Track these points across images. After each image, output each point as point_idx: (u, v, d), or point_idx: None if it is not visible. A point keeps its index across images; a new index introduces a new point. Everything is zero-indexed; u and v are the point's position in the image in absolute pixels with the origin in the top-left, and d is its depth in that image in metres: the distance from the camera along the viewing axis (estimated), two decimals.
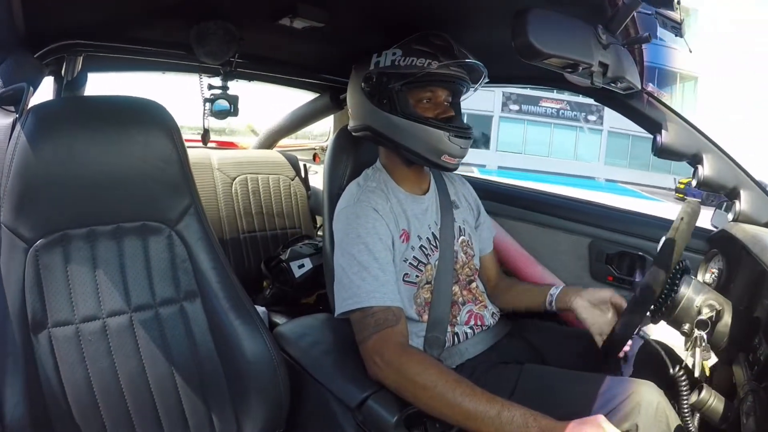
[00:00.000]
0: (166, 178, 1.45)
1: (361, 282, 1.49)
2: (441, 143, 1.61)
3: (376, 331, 1.42)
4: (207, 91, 2.35)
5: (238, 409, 1.46)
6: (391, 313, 1.46)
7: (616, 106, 1.91)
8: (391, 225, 1.61)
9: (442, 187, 1.85)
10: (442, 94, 1.67)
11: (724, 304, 1.38)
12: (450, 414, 1.27)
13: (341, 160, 1.86)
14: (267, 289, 2.78)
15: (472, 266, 1.81)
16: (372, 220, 1.58)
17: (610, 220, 2.44)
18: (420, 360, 1.37)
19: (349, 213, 1.63)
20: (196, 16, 1.80)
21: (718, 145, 1.79)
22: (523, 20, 1.21)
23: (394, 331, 1.43)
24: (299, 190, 3.41)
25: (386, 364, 1.37)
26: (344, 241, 1.58)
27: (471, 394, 1.26)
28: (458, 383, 1.29)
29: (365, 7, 1.70)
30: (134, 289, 1.42)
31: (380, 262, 1.52)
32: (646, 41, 1.56)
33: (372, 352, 1.41)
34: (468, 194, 1.97)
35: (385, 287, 1.49)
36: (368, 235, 1.55)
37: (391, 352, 1.38)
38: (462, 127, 1.64)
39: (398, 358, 1.37)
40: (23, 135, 1.22)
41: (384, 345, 1.40)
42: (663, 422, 1.30)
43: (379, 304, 1.46)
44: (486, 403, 1.24)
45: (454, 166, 1.68)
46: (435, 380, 1.29)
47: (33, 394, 1.21)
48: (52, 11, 1.58)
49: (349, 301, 1.49)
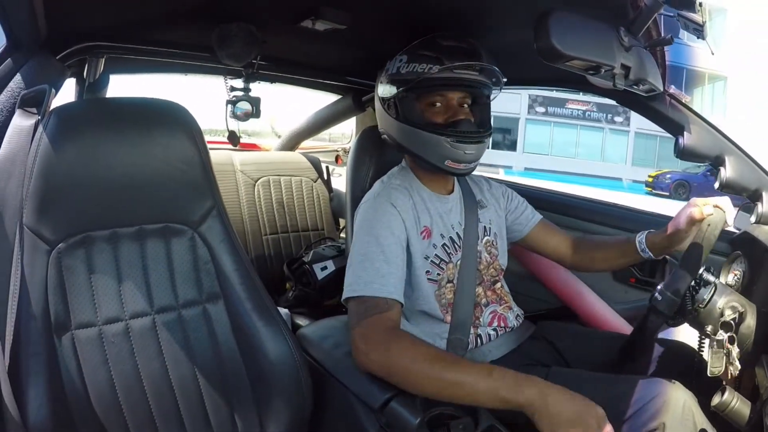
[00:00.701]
0: (189, 179, 1.45)
1: (362, 272, 1.49)
2: (441, 148, 1.60)
3: (365, 317, 1.41)
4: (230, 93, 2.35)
5: (261, 411, 1.45)
6: (384, 302, 1.44)
7: (638, 108, 1.89)
8: (409, 221, 1.61)
9: (466, 187, 1.84)
10: (454, 96, 1.65)
11: (747, 306, 1.37)
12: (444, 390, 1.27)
13: (364, 162, 1.86)
14: (290, 291, 2.78)
15: (497, 266, 1.79)
16: (388, 214, 1.58)
17: (632, 221, 2.43)
18: (403, 340, 1.36)
19: (368, 207, 1.64)
20: (218, 18, 1.80)
21: (740, 147, 1.76)
22: (546, 22, 1.21)
23: (382, 316, 1.42)
24: (322, 192, 3.42)
25: (370, 348, 1.36)
26: (358, 233, 1.60)
27: (458, 362, 1.29)
28: (444, 356, 1.31)
29: (387, 9, 1.70)
30: (157, 290, 1.42)
31: (386, 254, 1.51)
32: (668, 43, 1.55)
33: (357, 340, 1.39)
34: (496, 191, 1.94)
35: (385, 279, 1.48)
36: (380, 228, 1.55)
37: (377, 335, 1.37)
38: (464, 132, 1.62)
39: (385, 344, 1.35)
40: (45, 137, 1.22)
41: (370, 329, 1.39)
42: (690, 421, 1.28)
43: (374, 294, 1.45)
44: (476, 368, 1.26)
45: (461, 171, 1.66)
46: (420, 357, 1.29)
47: (56, 395, 1.21)
48: (74, 13, 1.59)
49: (348, 288, 1.49)
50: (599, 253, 1.86)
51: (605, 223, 2.49)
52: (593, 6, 1.41)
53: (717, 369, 1.32)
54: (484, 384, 1.22)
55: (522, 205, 1.95)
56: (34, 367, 1.19)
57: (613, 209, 2.61)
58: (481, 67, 1.63)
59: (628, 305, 2.40)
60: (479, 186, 1.90)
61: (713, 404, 1.26)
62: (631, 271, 2.40)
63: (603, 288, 2.47)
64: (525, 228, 1.93)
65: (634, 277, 2.42)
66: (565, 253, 1.92)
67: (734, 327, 1.32)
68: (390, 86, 1.68)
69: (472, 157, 1.63)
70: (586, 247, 1.89)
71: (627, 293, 2.46)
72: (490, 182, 1.97)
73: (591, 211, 2.59)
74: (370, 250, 1.52)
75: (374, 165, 1.86)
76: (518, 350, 1.70)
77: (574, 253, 1.90)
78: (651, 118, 1.86)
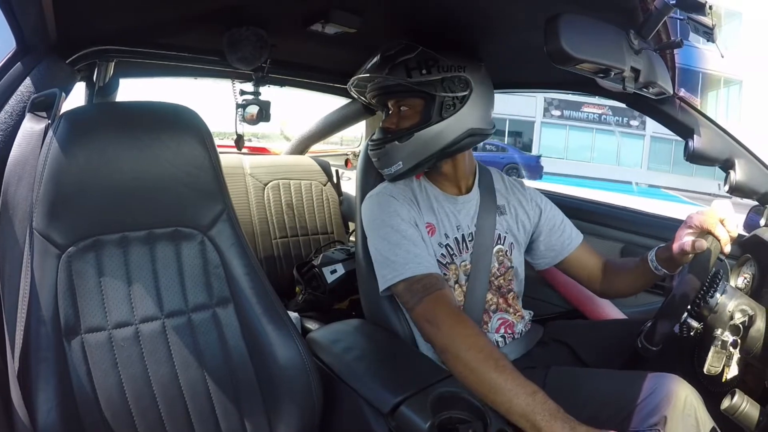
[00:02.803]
0: (199, 183, 1.44)
1: (395, 257, 1.52)
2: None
3: (426, 295, 1.44)
4: (240, 96, 2.36)
5: (270, 415, 1.45)
6: (434, 278, 1.48)
7: (647, 111, 1.88)
8: (413, 211, 1.64)
9: (488, 189, 1.82)
10: (389, 105, 1.74)
11: (756, 309, 1.36)
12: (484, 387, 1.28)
13: (373, 166, 1.85)
14: (300, 294, 2.78)
15: (508, 278, 1.77)
16: (392, 204, 1.63)
17: (641, 225, 2.43)
18: (467, 326, 1.38)
19: (372, 203, 1.68)
20: (228, 22, 1.81)
21: (750, 150, 1.75)
22: (556, 25, 1.21)
23: (443, 293, 1.46)
24: (331, 196, 3.42)
25: (439, 324, 1.39)
26: (371, 228, 1.64)
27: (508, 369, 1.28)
28: (498, 357, 1.30)
29: (396, 13, 1.70)
30: (167, 295, 1.41)
31: (409, 238, 1.55)
32: (678, 46, 1.55)
33: (425, 315, 1.43)
34: (529, 201, 1.89)
35: (419, 258, 1.52)
36: (390, 218, 1.59)
37: (445, 315, 1.40)
38: (373, 140, 1.73)
39: (450, 323, 1.38)
40: (55, 141, 1.22)
41: (437, 306, 1.43)
42: (691, 416, 1.28)
43: (417, 272, 1.49)
44: (522, 381, 1.25)
45: (388, 176, 1.74)
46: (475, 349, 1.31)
47: (66, 400, 1.21)
48: (84, 17, 1.59)
49: (389, 276, 1.52)
50: (622, 280, 1.81)
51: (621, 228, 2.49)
52: (603, 9, 1.41)
53: (714, 369, 1.32)
54: (523, 400, 1.21)
55: (562, 225, 1.89)
56: (43, 371, 1.19)
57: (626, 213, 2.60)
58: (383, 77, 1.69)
59: (638, 309, 2.40)
60: (511, 191, 1.88)
61: (723, 407, 1.26)
62: None
63: None
64: (565, 249, 1.87)
65: None
66: (598, 278, 1.86)
67: (743, 330, 1.32)
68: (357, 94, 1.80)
69: (383, 163, 1.71)
70: (611, 274, 1.83)
71: (637, 297, 2.44)
72: (527, 190, 1.93)
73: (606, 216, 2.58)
74: (391, 238, 1.55)
75: None
76: (526, 356, 1.70)
77: (604, 277, 1.85)
78: (661, 121, 1.85)
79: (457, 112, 1.64)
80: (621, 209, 2.62)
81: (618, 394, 1.39)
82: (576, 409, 1.21)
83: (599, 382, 1.47)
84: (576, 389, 1.46)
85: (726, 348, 1.30)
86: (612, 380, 1.46)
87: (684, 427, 1.27)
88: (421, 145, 1.64)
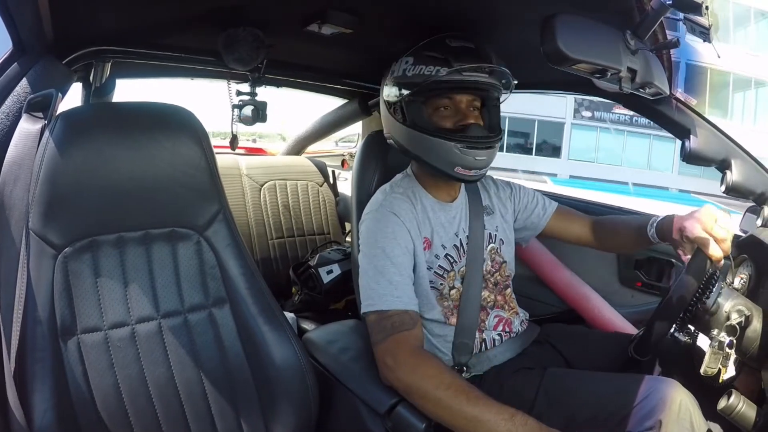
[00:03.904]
0: (195, 184, 1.44)
1: (375, 285, 1.49)
2: (451, 155, 1.57)
3: (392, 333, 1.42)
4: (235, 97, 2.36)
5: (267, 416, 1.45)
6: (408, 317, 1.45)
7: (644, 111, 1.88)
8: (413, 231, 1.59)
9: (473, 191, 1.82)
10: (463, 99, 1.62)
11: (753, 310, 1.36)
12: (460, 422, 1.27)
13: (370, 167, 1.86)
14: (296, 295, 2.77)
15: (504, 273, 1.78)
16: (392, 224, 1.57)
17: None
18: (431, 366, 1.36)
19: (371, 218, 1.63)
20: (225, 22, 1.80)
21: (746, 151, 1.75)
22: (552, 26, 1.22)
23: (410, 334, 1.43)
24: (328, 196, 3.43)
25: (398, 366, 1.37)
26: (364, 245, 1.59)
27: (481, 398, 1.27)
28: (469, 390, 1.29)
29: (393, 13, 1.70)
30: (163, 295, 1.42)
31: (397, 266, 1.51)
32: (674, 46, 1.55)
33: (385, 354, 1.40)
34: (503, 194, 1.90)
35: (399, 290, 1.48)
36: (386, 240, 1.54)
37: (406, 356, 1.37)
38: (475, 137, 1.59)
39: (412, 364, 1.36)
40: (52, 141, 1.22)
41: (398, 347, 1.40)
42: (686, 420, 1.28)
43: (393, 307, 1.45)
44: (497, 408, 1.24)
45: (471, 178, 1.63)
46: (443, 386, 1.29)
47: (62, 400, 1.21)
48: (80, 18, 1.58)
49: (366, 302, 1.50)
50: (617, 239, 1.85)
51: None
52: (600, 9, 1.41)
53: (711, 370, 1.32)
54: (503, 427, 1.21)
55: (534, 200, 1.92)
56: (40, 372, 1.19)
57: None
58: (490, 69, 1.60)
59: (635, 309, 2.40)
60: (487, 190, 1.87)
61: (719, 407, 1.26)
62: (637, 275, 2.41)
63: (609, 292, 2.47)
64: (542, 220, 1.91)
65: (641, 281, 2.42)
66: (588, 238, 1.90)
67: (740, 331, 1.32)
68: (395, 89, 1.65)
69: (483, 162, 1.60)
70: (605, 231, 1.87)
71: (633, 297, 2.46)
72: (498, 184, 1.93)
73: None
74: (379, 263, 1.51)
75: (380, 169, 1.86)
76: (522, 354, 1.70)
77: (595, 237, 1.88)
78: (657, 121, 1.85)
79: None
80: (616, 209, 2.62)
81: (613, 397, 1.38)
82: (571, 413, 1.21)
83: (595, 385, 1.46)
84: (571, 392, 1.45)
85: (723, 349, 1.30)
86: (608, 383, 1.45)
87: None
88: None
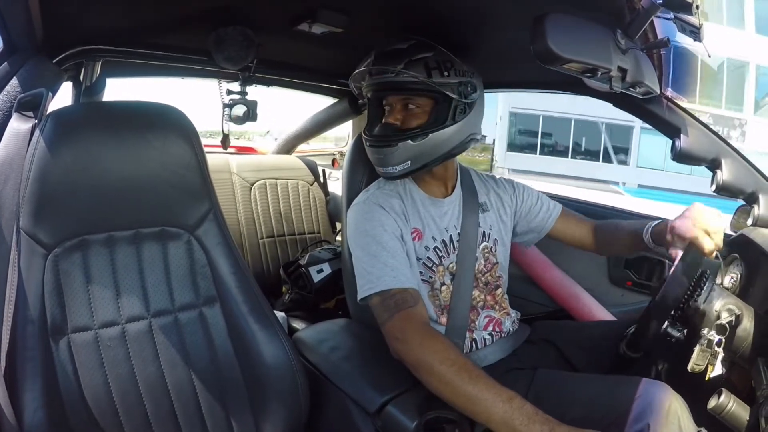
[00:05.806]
0: (185, 183, 1.45)
1: (371, 269, 1.51)
2: (369, 153, 1.69)
3: (397, 311, 1.43)
4: (226, 96, 2.35)
5: (257, 415, 1.45)
6: (408, 295, 1.47)
7: (634, 110, 1.88)
8: (399, 221, 1.61)
9: (469, 187, 1.83)
10: (393, 100, 1.66)
11: (743, 309, 1.36)
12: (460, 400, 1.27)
13: (359, 166, 1.86)
14: (286, 294, 2.77)
15: (495, 274, 1.78)
16: (378, 215, 1.60)
17: None
18: (438, 341, 1.37)
19: (357, 210, 1.66)
20: (215, 21, 1.80)
21: (737, 150, 1.76)
22: (542, 25, 1.21)
23: (415, 311, 1.44)
24: (318, 195, 3.42)
25: (407, 340, 1.38)
26: (354, 236, 1.61)
27: (482, 378, 1.27)
28: (472, 369, 1.29)
29: (383, 13, 1.70)
30: (153, 294, 1.42)
31: (389, 249, 1.53)
32: (664, 46, 1.55)
33: (394, 330, 1.42)
34: (504, 192, 1.90)
35: (396, 271, 1.50)
36: (374, 229, 1.57)
37: (414, 331, 1.39)
38: (374, 136, 1.67)
39: (420, 339, 1.37)
40: (42, 141, 1.22)
41: (407, 323, 1.41)
42: (675, 423, 1.27)
43: (392, 286, 1.47)
44: (497, 390, 1.25)
45: (389, 174, 1.66)
46: (447, 362, 1.30)
47: (52, 399, 1.21)
48: (70, 17, 1.58)
49: (365, 287, 1.51)
50: (616, 246, 1.86)
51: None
52: (590, 9, 1.41)
53: (698, 367, 1.32)
54: (500, 408, 1.21)
55: (538, 202, 1.92)
56: (30, 371, 1.19)
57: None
58: (397, 71, 1.60)
59: (625, 308, 2.41)
60: (486, 186, 1.88)
61: (710, 407, 1.25)
62: (627, 275, 2.42)
63: (600, 291, 2.47)
64: (547, 223, 1.91)
65: (631, 280, 2.42)
66: (589, 243, 1.91)
67: (729, 330, 1.32)
68: (355, 87, 1.73)
69: (389, 160, 1.63)
70: (605, 237, 1.87)
71: (623, 296, 2.46)
72: (499, 182, 1.94)
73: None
74: (371, 249, 1.53)
75: (369, 168, 1.86)
76: (513, 354, 1.70)
77: (596, 242, 1.89)
78: (647, 120, 1.86)
79: (466, 116, 1.65)
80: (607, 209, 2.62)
81: (602, 399, 1.39)
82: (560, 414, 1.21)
83: (585, 386, 1.46)
84: (561, 392, 1.45)
85: (711, 347, 1.30)
86: (597, 385, 1.45)
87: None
88: (432, 147, 1.62)
